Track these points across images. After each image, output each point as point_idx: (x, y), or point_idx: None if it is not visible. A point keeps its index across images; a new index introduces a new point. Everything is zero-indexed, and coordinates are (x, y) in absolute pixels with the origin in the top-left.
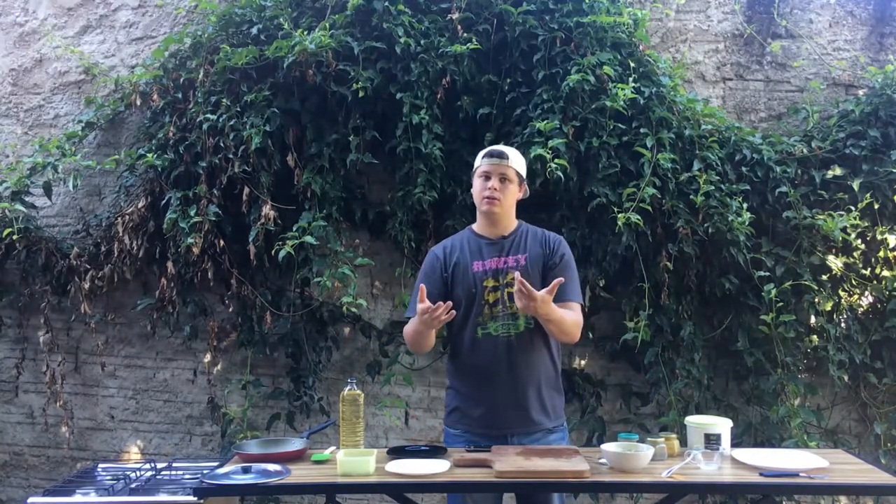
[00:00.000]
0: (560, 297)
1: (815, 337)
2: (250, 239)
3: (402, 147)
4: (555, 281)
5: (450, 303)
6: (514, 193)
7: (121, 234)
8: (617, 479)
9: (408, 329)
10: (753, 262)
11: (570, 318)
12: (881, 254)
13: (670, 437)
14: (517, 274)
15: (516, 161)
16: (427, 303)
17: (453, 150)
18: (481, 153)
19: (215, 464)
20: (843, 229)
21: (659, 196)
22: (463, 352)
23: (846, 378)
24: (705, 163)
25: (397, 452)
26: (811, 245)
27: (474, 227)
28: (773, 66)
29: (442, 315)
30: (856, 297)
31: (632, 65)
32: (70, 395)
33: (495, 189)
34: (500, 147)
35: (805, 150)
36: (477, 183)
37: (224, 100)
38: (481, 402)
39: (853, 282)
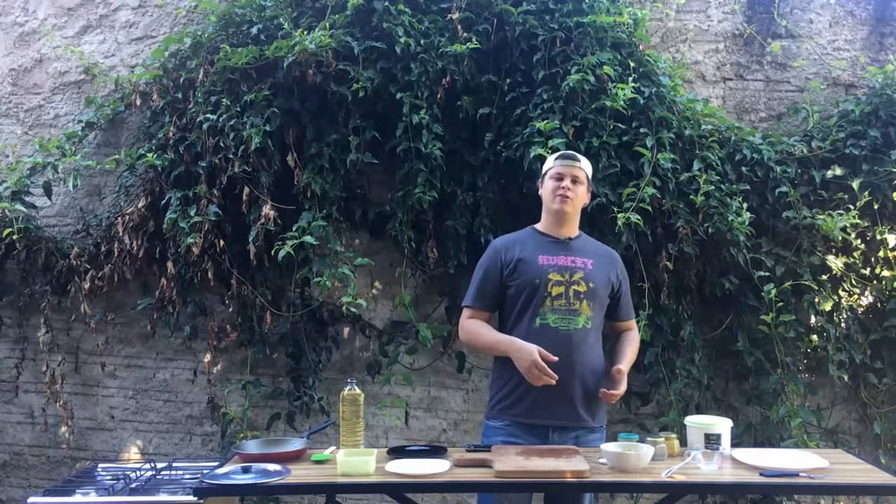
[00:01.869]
0: (624, 317)
1: (815, 337)
2: (250, 239)
3: (402, 147)
4: (616, 372)
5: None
6: (583, 197)
7: (121, 234)
8: (617, 479)
9: (478, 333)
10: (753, 262)
11: (633, 351)
12: (881, 254)
13: (670, 437)
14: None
15: (586, 165)
16: (543, 362)
17: (453, 150)
18: (553, 156)
19: (215, 464)
20: (843, 229)
21: (659, 196)
22: (520, 339)
23: (846, 378)
24: (705, 163)
25: (397, 452)
26: (811, 245)
27: (538, 226)
28: (773, 66)
29: (546, 380)
30: (856, 297)
31: (632, 65)
32: (70, 395)
33: (568, 189)
34: (572, 151)
35: (805, 150)
36: (549, 183)
37: (224, 100)
38: (529, 389)
39: (853, 282)
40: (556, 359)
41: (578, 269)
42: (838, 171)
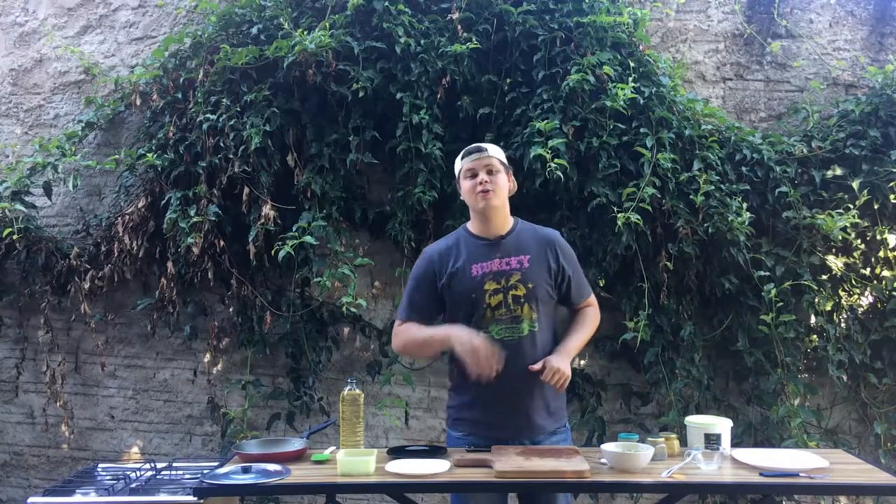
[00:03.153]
0: (576, 299)
1: (815, 337)
2: (250, 239)
3: (402, 147)
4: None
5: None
6: (505, 184)
7: (121, 234)
8: (617, 479)
9: (410, 336)
10: (753, 262)
11: (588, 329)
12: (881, 254)
13: (670, 437)
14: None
15: (496, 151)
16: (487, 349)
17: (453, 150)
18: (459, 157)
19: (215, 464)
20: (843, 229)
21: (659, 196)
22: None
23: (846, 378)
24: (705, 163)
25: (397, 452)
26: (811, 245)
27: (469, 227)
28: (773, 66)
29: (491, 370)
30: (856, 297)
31: (632, 65)
32: (70, 395)
33: (486, 182)
34: (477, 144)
35: (805, 150)
36: (465, 184)
37: (224, 100)
38: (483, 406)
39: (853, 282)
40: (504, 355)
41: (514, 270)
42: (838, 171)
